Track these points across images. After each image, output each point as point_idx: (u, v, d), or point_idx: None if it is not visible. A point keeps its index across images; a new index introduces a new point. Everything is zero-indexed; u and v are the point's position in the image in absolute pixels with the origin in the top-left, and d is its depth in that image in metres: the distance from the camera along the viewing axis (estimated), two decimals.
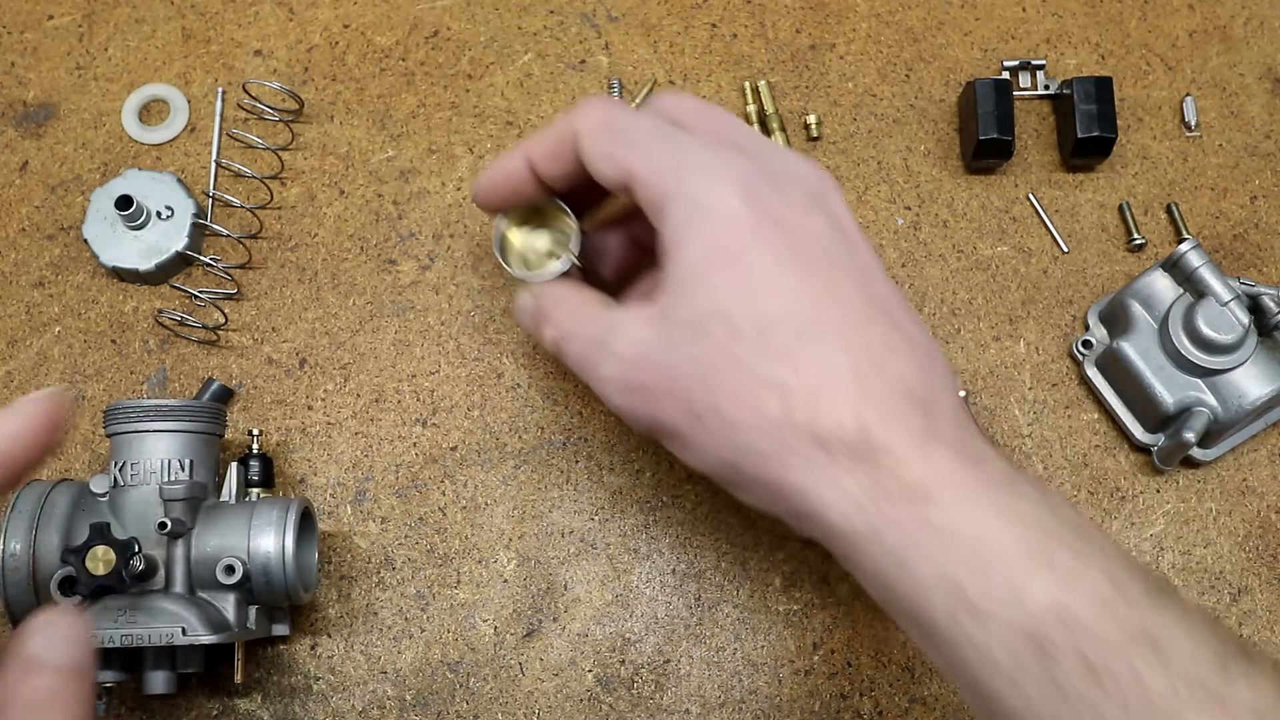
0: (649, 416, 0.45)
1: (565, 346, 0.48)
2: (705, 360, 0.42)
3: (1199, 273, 0.61)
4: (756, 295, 0.42)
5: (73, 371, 0.65)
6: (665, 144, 0.45)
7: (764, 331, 0.42)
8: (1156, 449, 0.62)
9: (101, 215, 0.66)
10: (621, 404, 0.45)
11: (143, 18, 0.72)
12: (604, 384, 0.46)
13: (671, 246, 0.44)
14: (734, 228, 0.43)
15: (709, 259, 0.43)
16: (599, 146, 0.46)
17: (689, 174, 0.44)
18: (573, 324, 0.48)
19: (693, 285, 0.43)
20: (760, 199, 0.44)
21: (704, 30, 0.72)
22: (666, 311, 0.44)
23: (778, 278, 0.42)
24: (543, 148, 0.49)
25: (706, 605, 0.61)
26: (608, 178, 0.46)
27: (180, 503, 0.54)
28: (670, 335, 0.43)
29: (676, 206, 0.44)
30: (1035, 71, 0.70)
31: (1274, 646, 0.60)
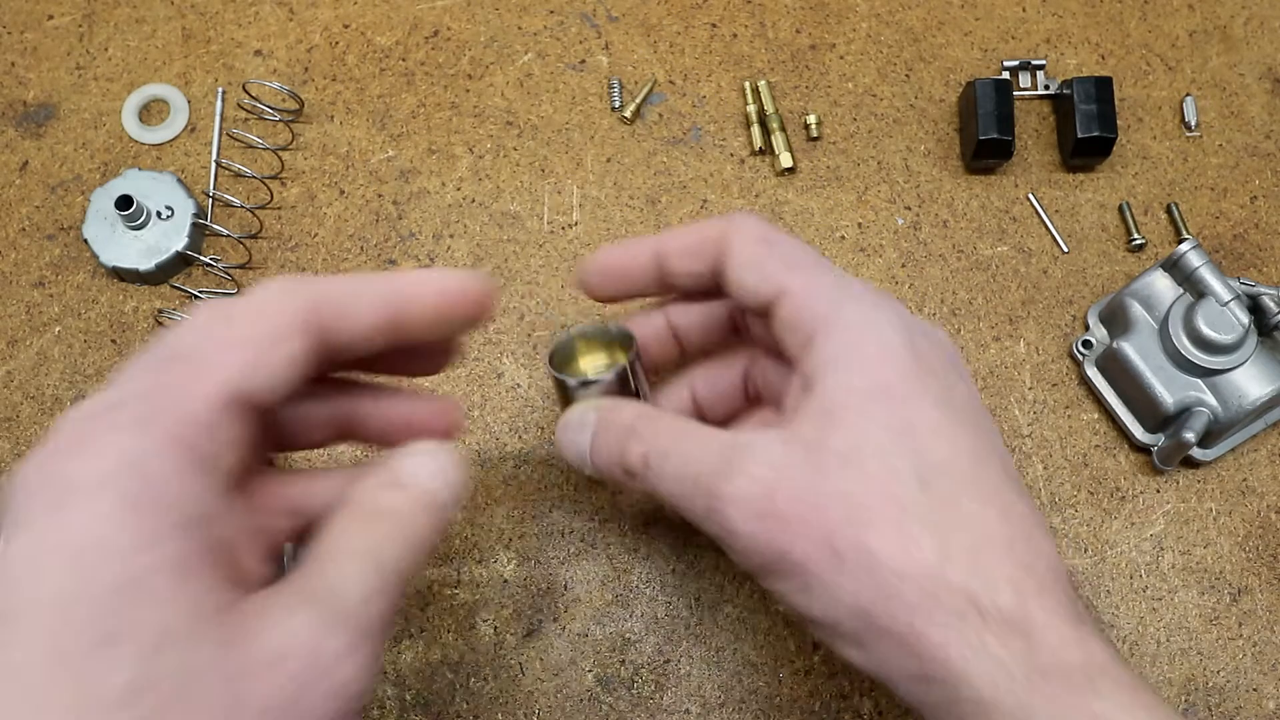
0: (776, 549, 0.40)
1: (662, 464, 0.43)
2: (857, 495, 0.40)
3: (1199, 273, 0.61)
4: (920, 439, 0.41)
5: (73, 371, 0.65)
6: (825, 269, 0.45)
7: (926, 477, 0.40)
8: (1156, 449, 0.62)
9: (101, 215, 0.66)
10: (747, 530, 0.41)
11: (143, 17, 0.72)
12: (729, 505, 0.41)
13: (824, 372, 0.42)
14: (898, 367, 0.42)
15: (870, 392, 0.41)
16: (753, 256, 0.45)
17: (852, 304, 0.43)
18: (674, 441, 0.44)
19: (849, 415, 0.41)
20: (918, 346, 0.43)
21: (704, 30, 0.72)
22: (815, 438, 0.41)
23: (939, 426, 0.41)
24: (681, 244, 0.48)
25: (706, 605, 0.61)
26: (752, 290, 0.45)
27: None
28: (818, 463, 0.40)
29: (837, 333, 0.42)
30: (1035, 71, 0.70)
31: (1274, 646, 0.60)
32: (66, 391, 0.65)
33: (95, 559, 0.29)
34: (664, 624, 0.61)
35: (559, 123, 0.70)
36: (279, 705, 0.30)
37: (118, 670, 0.28)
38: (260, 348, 0.35)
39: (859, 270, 0.67)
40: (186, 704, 0.29)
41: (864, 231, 0.68)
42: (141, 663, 0.29)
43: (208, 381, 0.34)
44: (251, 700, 0.30)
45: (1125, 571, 0.62)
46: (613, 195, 0.68)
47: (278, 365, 0.35)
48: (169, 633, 0.29)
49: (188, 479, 0.32)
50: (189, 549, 0.31)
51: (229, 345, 0.35)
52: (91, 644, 0.28)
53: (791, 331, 0.44)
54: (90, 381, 0.65)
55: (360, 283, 0.39)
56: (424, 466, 0.39)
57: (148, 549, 0.30)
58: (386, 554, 0.36)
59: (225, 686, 0.30)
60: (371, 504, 0.37)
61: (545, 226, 0.68)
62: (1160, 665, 0.60)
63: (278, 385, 0.36)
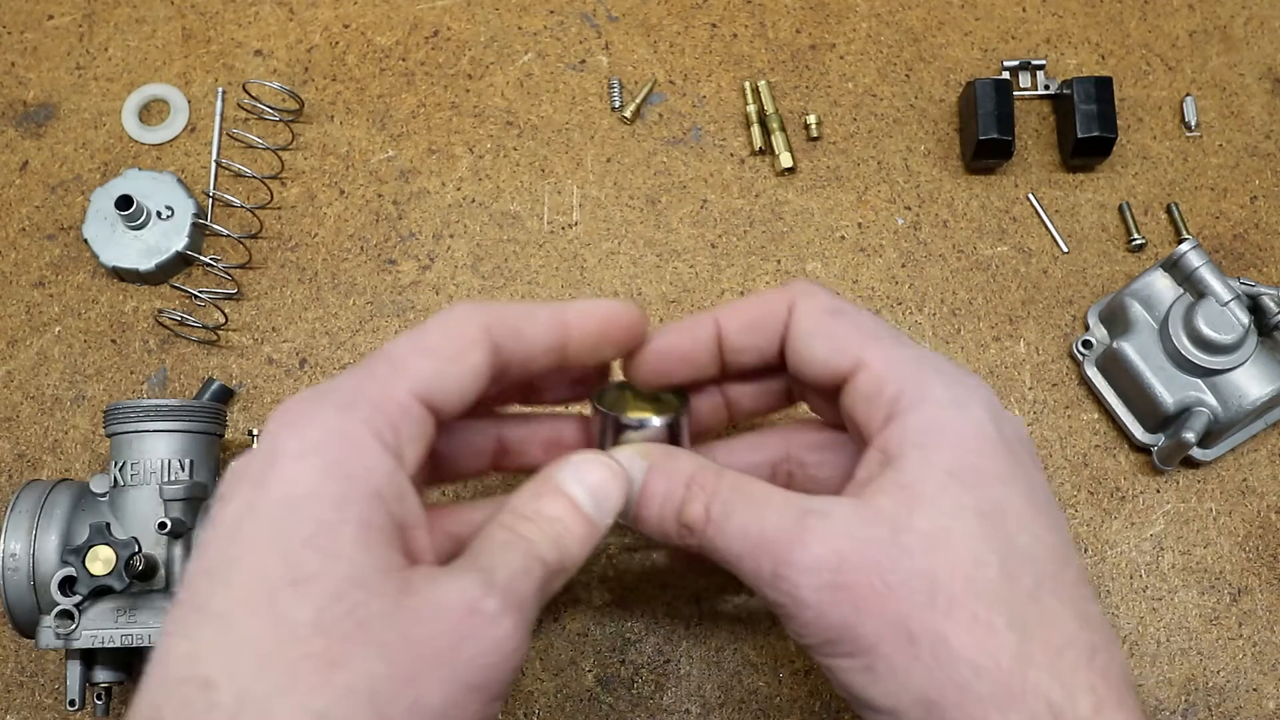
0: (845, 624, 0.38)
1: (725, 521, 0.41)
2: (939, 578, 0.38)
3: (1199, 273, 0.61)
4: (1007, 527, 0.39)
5: (73, 371, 0.65)
6: (904, 343, 0.43)
7: (1012, 570, 0.38)
8: (1156, 449, 0.62)
9: (101, 215, 0.66)
10: (814, 600, 0.39)
11: (143, 17, 0.72)
12: (799, 573, 0.39)
13: (910, 449, 0.40)
14: (988, 450, 0.40)
15: (959, 474, 0.40)
16: (821, 327, 0.44)
17: (937, 380, 0.42)
18: (741, 497, 0.42)
19: (936, 495, 0.39)
20: (1004, 430, 0.41)
21: (704, 30, 0.72)
22: (897, 514, 0.39)
23: (1026, 516, 0.40)
24: (742, 317, 0.46)
25: (706, 605, 0.61)
26: (822, 362, 0.43)
27: (180, 502, 0.54)
28: (900, 540, 0.38)
29: (925, 409, 0.41)
30: (1035, 71, 0.70)
31: (1274, 646, 0.60)
32: (66, 391, 0.65)
33: (292, 515, 0.34)
34: (664, 624, 0.61)
35: (559, 123, 0.70)
36: (441, 649, 0.34)
37: (303, 608, 0.33)
38: (447, 357, 0.39)
39: (859, 270, 0.67)
40: (361, 640, 0.33)
41: (864, 231, 0.68)
42: (324, 603, 0.33)
43: (401, 381, 0.38)
44: (417, 642, 0.34)
45: (1125, 571, 0.62)
46: (613, 195, 0.68)
47: (462, 374, 0.40)
48: (349, 579, 0.34)
49: (377, 457, 0.36)
50: (373, 514, 0.35)
51: (421, 353, 0.39)
52: (283, 585, 0.33)
53: (868, 404, 0.42)
54: (90, 381, 0.65)
55: (533, 307, 0.43)
56: (578, 475, 0.41)
57: (338, 509, 0.35)
58: (535, 546, 0.39)
59: (395, 629, 0.34)
60: (525, 507, 0.40)
61: (545, 226, 0.68)
62: (1160, 665, 0.60)
63: (460, 392, 0.40)
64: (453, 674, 0.34)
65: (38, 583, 0.53)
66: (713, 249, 0.67)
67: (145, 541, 0.54)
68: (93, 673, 0.54)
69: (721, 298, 0.66)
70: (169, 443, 0.56)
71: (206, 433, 0.57)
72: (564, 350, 0.43)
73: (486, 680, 0.35)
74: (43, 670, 0.61)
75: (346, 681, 0.33)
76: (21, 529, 0.54)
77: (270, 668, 0.33)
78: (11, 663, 0.61)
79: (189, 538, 0.55)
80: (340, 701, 0.33)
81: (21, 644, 0.61)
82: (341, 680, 0.33)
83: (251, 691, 0.32)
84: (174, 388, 0.65)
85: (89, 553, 0.52)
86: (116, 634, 0.52)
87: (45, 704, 0.60)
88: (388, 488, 0.37)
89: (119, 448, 0.56)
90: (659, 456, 0.44)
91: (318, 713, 0.32)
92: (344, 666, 0.33)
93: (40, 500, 0.55)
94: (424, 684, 0.34)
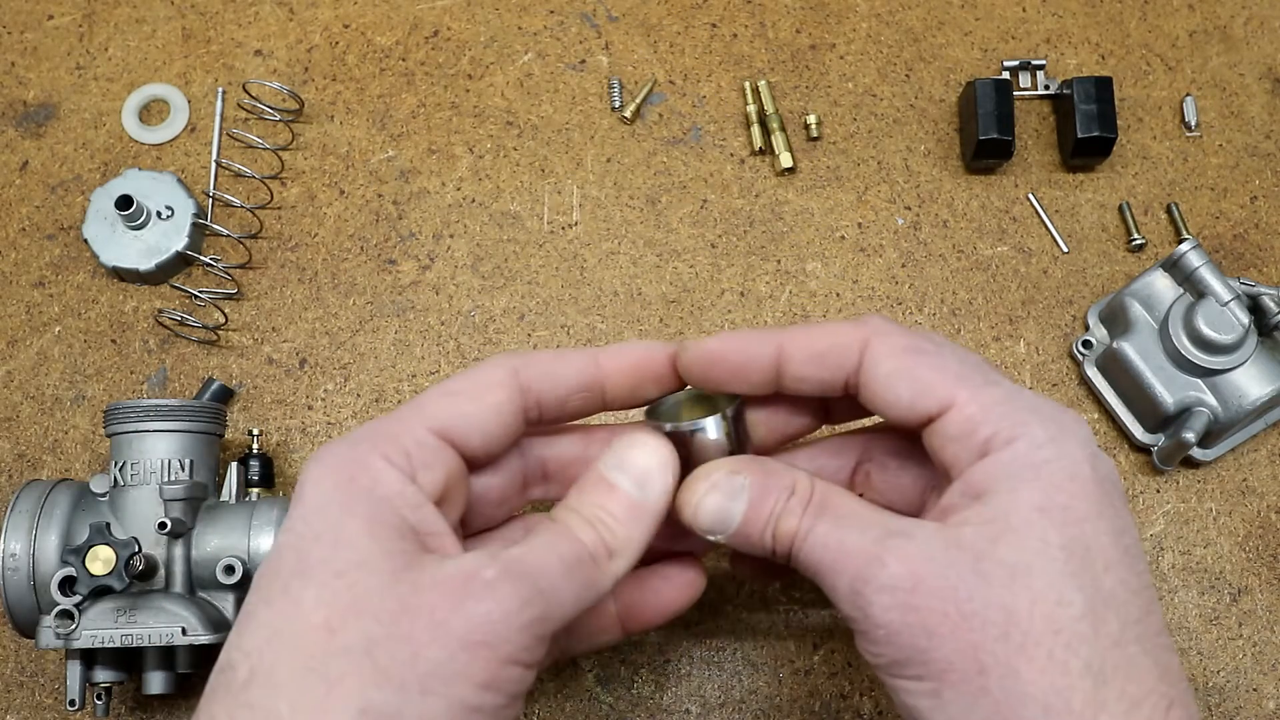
0: (916, 645, 0.38)
1: (810, 534, 0.42)
2: (1018, 613, 0.37)
3: (1199, 273, 0.61)
4: (1095, 571, 0.38)
5: (73, 371, 0.65)
6: (993, 380, 0.42)
7: (1097, 614, 0.38)
8: (1156, 449, 0.62)
9: (102, 215, 0.66)
10: (887, 619, 0.39)
11: (143, 17, 0.72)
12: (876, 590, 0.39)
13: (1002, 484, 0.40)
14: (1081, 493, 0.40)
15: (1047, 510, 0.39)
16: (902, 367, 0.43)
17: (1033, 419, 0.41)
18: (832, 512, 0.42)
19: (1024, 529, 0.39)
20: (1100, 472, 0.41)
21: (704, 30, 0.72)
22: (981, 544, 0.39)
23: (1114, 559, 0.39)
24: (810, 347, 0.44)
25: (707, 605, 0.61)
26: (909, 405, 0.42)
27: (180, 502, 0.54)
28: (982, 570, 0.38)
29: (1016, 447, 0.40)
30: (1035, 71, 0.70)
31: (1274, 646, 0.60)
32: (66, 391, 0.65)
33: (305, 524, 0.40)
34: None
35: (559, 123, 0.70)
36: (438, 611, 0.37)
37: (308, 589, 0.38)
38: (468, 397, 0.43)
39: (859, 270, 0.67)
40: (359, 609, 0.37)
41: (864, 231, 0.68)
42: (326, 580, 0.38)
43: (418, 418, 0.42)
44: (415, 607, 0.37)
45: None
46: (613, 195, 0.68)
47: (482, 411, 0.43)
48: (352, 562, 0.38)
49: (384, 473, 0.40)
50: (380, 513, 0.40)
51: (443, 395, 0.43)
52: (294, 575, 0.38)
53: (957, 443, 0.42)
54: (90, 381, 0.65)
55: (567, 350, 0.46)
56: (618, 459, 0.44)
57: (344, 510, 0.39)
58: (568, 528, 0.42)
59: (394, 598, 0.37)
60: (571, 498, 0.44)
61: (545, 226, 0.68)
62: None
63: (482, 429, 0.43)
64: (449, 632, 0.37)
65: (38, 583, 0.53)
66: (713, 249, 0.67)
67: (145, 541, 0.54)
68: (93, 673, 0.54)
69: (722, 297, 0.66)
70: (169, 443, 0.56)
71: (206, 433, 0.57)
72: (602, 391, 0.46)
73: (487, 638, 0.37)
74: (43, 670, 0.61)
75: (343, 642, 0.37)
76: (22, 529, 0.54)
77: (277, 642, 0.37)
78: (11, 662, 0.61)
79: (189, 537, 0.55)
80: (337, 659, 0.36)
81: (22, 644, 0.61)
82: (339, 642, 0.37)
83: (261, 665, 0.37)
84: (174, 387, 0.65)
85: (89, 553, 0.52)
86: (116, 634, 0.52)
87: (45, 704, 0.60)
88: (398, 497, 0.40)
89: (119, 448, 0.56)
90: (758, 473, 0.44)
91: (315, 670, 0.36)
92: (341, 631, 0.37)
93: (40, 500, 0.55)
94: (421, 640, 0.37)
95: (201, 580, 0.54)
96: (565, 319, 0.66)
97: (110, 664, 0.54)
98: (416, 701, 0.36)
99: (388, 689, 0.36)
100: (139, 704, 0.60)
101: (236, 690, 0.37)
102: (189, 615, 0.52)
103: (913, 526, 0.40)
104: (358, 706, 0.36)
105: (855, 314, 0.66)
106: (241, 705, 0.37)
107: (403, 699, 0.36)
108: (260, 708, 0.36)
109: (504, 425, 0.44)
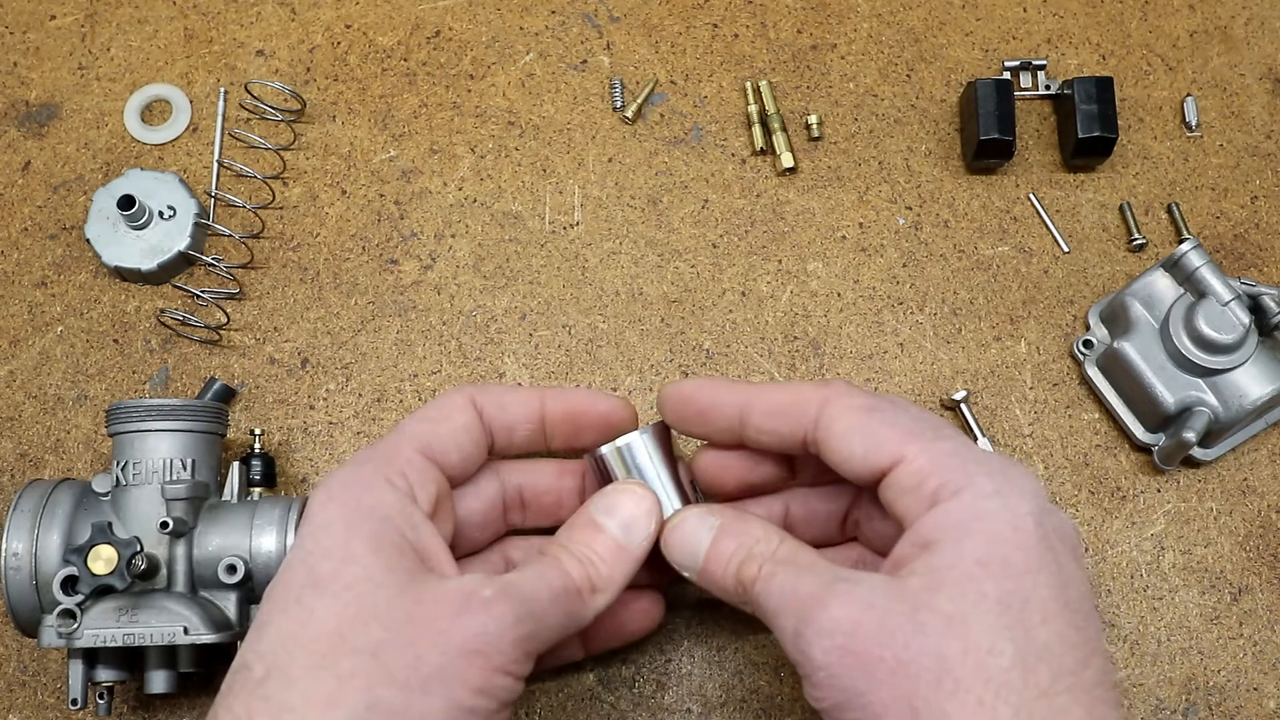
0: (853, 689, 0.40)
1: (769, 582, 0.44)
2: (951, 660, 0.39)
3: (1199, 273, 0.61)
4: (1029, 619, 0.40)
5: (75, 371, 0.65)
6: (945, 435, 0.45)
7: (1028, 661, 0.39)
8: (1157, 449, 0.62)
9: (104, 215, 0.66)
10: (825, 661, 0.41)
11: (145, 18, 0.73)
12: (816, 634, 0.41)
13: (947, 536, 0.42)
14: (1021, 546, 0.41)
15: (986, 563, 0.41)
16: (857, 423, 0.45)
17: (979, 471, 0.43)
18: (787, 560, 0.45)
19: (963, 580, 0.40)
20: (1044, 525, 0.42)
21: (705, 30, 0.72)
22: (921, 593, 0.40)
23: (1052, 612, 0.40)
24: (770, 402, 0.48)
25: (708, 605, 0.61)
26: (860, 457, 0.45)
27: (182, 502, 0.54)
28: (919, 619, 0.40)
29: (963, 499, 0.42)
30: (1036, 71, 0.70)
31: (1274, 646, 0.61)
32: (69, 391, 0.65)
33: (315, 541, 0.43)
34: (665, 623, 0.61)
35: (560, 123, 0.70)
36: (440, 622, 0.40)
37: (320, 599, 0.41)
38: (438, 419, 0.49)
39: (860, 270, 0.67)
40: (367, 617, 0.41)
41: (865, 231, 0.68)
42: (337, 591, 0.41)
43: (404, 440, 0.47)
44: (418, 618, 0.41)
45: (1126, 571, 0.62)
46: (614, 195, 0.68)
47: (453, 430, 0.49)
48: (360, 576, 0.42)
49: (384, 493, 0.45)
50: (383, 531, 0.43)
51: (419, 420, 0.49)
52: (306, 587, 0.42)
53: (908, 495, 0.44)
54: (92, 381, 0.65)
55: (516, 386, 0.53)
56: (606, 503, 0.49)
57: (351, 528, 0.43)
58: (559, 563, 0.46)
59: (400, 609, 0.41)
60: (561, 536, 0.48)
61: (547, 226, 0.68)
62: (1161, 665, 0.60)
63: (455, 446, 0.49)
64: (449, 640, 0.40)
65: (40, 582, 0.53)
66: (714, 249, 0.67)
67: (147, 541, 0.54)
68: (95, 672, 0.54)
69: (723, 297, 0.66)
70: (171, 442, 0.56)
71: (208, 432, 0.57)
72: (543, 428, 0.52)
73: (482, 648, 0.41)
74: (45, 669, 0.61)
75: (353, 645, 0.40)
76: (24, 528, 0.54)
77: (292, 644, 0.41)
78: (14, 662, 0.61)
79: (190, 537, 0.55)
80: (347, 659, 0.40)
81: (24, 643, 0.61)
82: (349, 644, 0.40)
83: (276, 664, 0.40)
84: (176, 387, 0.65)
85: (91, 552, 0.52)
86: (118, 633, 0.52)
87: (48, 703, 0.60)
88: (399, 516, 0.44)
89: (121, 447, 0.56)
90: (729, 519, 0.48)
91: (327, 668, 0.40)
92: (351, 637, 0.40)
93: (42, 500, 0.55)
94: (423, 647, 0.40)
95: (203, 580, 0.54)
96: (567, 319, 0.66)
97: (112, 663, 0.55)
98: (419, 700, 0.39)
99: (393, 687, 0.39)
100: (141, 703, 0.60)
101: (253, 686, 0.40)
102: (191, 615, 0.52)
103: (862, 576, 0.43)
104: (366, 701, 0.39)
105: (856, 313, 0.66)
106: (258, 699, 0.40)
107: (406, 697, 0.39)
108: (276, 700, 0.40)
109: (473, 443, 0.50)
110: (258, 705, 0.40)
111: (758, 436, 0.49)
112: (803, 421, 0.47)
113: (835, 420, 0.46)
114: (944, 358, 0.65)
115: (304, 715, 0.39)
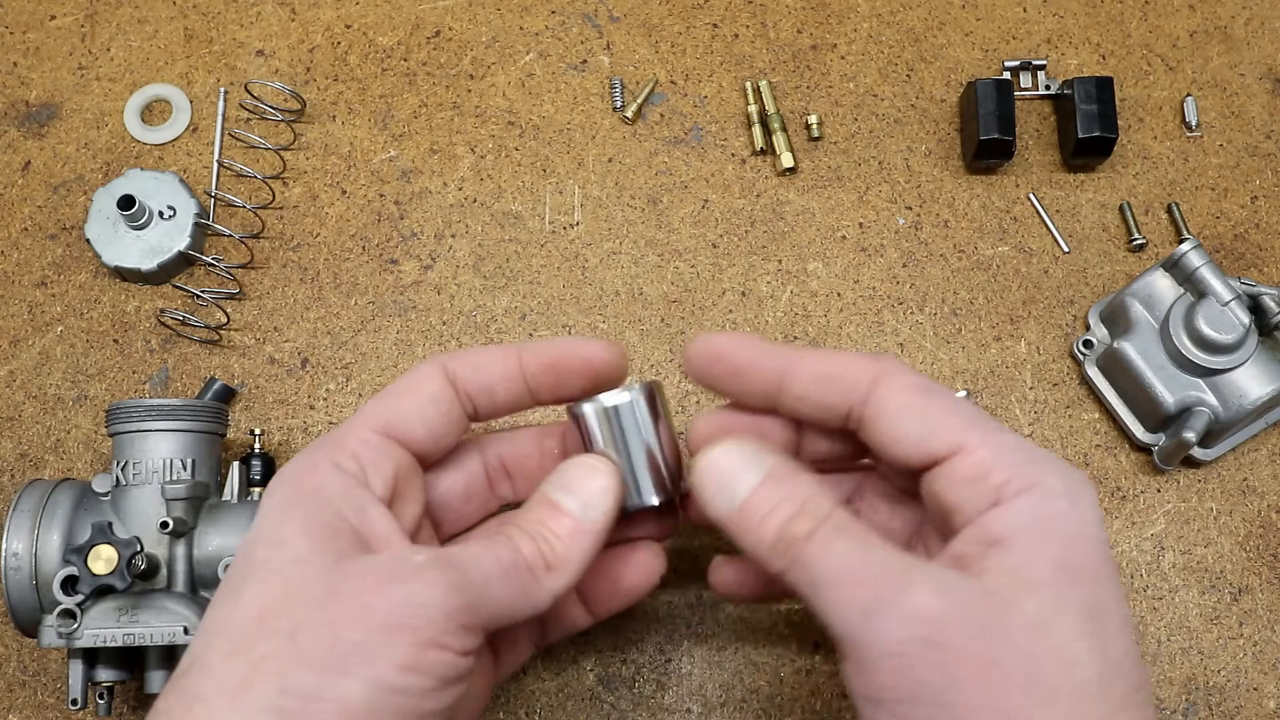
0: (933, 686, 0.37)
1: (828, 546, 0.40)
2: (1043, 669, 0.37)
3: (1200, 272, 0.61)
4: (1107, 630, 0.39)
5: (75, 371, 0.65)
6: (1005, 430, 0.42)
7: (1107, 675, 0.38)
8: (1157, 448, 0.62)
9: (104, 215, 0.66)
10: (901, 650, 0.38)
11: (145, 18, 0.73)
12: (895, 618, 0.38)
13: (1018, 533, 0.40)
14: (1092, 553, 0.40)
15: (1068, 568, 0.39)
16: (913, 404, 0.42)
17: (1049, 470, 0.41)
18: (851, 530, 0.41)
19: (1043, 585, 0.38)
20: (1104, 535, 0.41)
21: (705, 30, 0.72)
22: (1006, 595, 0.38)
23: (1121, 627, 0.39)
24: (819, 367, 0.44)
25: (708, 604, 0.61)
26: (916, 442, 0.42)
27: (182, 502, 0.54)
28: (1007, 621, 0.38)
29: (1034, 497, 0.40)
30: (1036, 71, 0.70)
31: (1274, 645, 0.61)
32: (69, 391, 0.65)
33: (257, 529, 0.42)
34: (665, 623, 0.61)
35: (560, 123, 0.70)
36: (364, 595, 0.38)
37: (249, 587, 0.40)
38: (401, 394, 0.46)
39: (860, 270, 0.67)
40: (290, 599, 0.39)
41: (865, 231, 0.68)
42: (263, 576, 0.40)
43: (360, 420, 0.45)
44: (341, 593, 0.39)
45: (1126, 571, 0.62)
46: (614, 195, 0.68)
47: (419, 403, 0.45)
48: (289, 559, 0.40)
49: (327, 476, 0.42)
50: (319, 513, 0.41)
51: (381, 397, 0.46)
52: (239, 578, 0.40)
53: (967, 487, 0.41)
54: (92, 381, 0.65)
55: (491, 346, 0.48)
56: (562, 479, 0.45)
57: (285, 511, 0.42)
58: (510, 539, 0.43)
59: (324, 586, 0.39)
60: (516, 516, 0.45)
61: (547, 226, 0.68)
62: (1161, 665, 0.60)
63: (421, 419, 0.45)
64: (371, 613, 0.38)
65: (40, 582, 0.53)
66: (714, 249, 0.67)
67: (147, 541, 0.54)
68: (95, 672, 0.54)
69: (723, 297, 0.66)
70: (171, 442, 0.56)
71: (208, 432, 0.57)
72: (524, 384, 0.47)
73: (407, 620, 0.38)
74: (45, 669, 0.61)
75: (271, 628, 0.38)
76: (24, 528, 0.54)
77: (215, 636, 0.39)
78: (14, 662, 0.61)
79: (190, 537, 0.55)
80: (261, 643, 0.38)
81: (24, 643, 0.61)
82: (267, 629, 0.38)
83: (197, 655, 0.39)
84: (176, 387, 0.65)
85: (91, 552, 0.52)
86: (118, 633, 0.52)
87: (48, 703, 0.60)
88: (340, 498, 0.42)
89: (121, 447, 0.56)
90: (781, 467, 0.43)
91: (240, 654, 0.38)
92: (272, 620, 0.38)
93: (42, 500, 0.55)
94: (342, 625, 0.38)
95: (203, 579, 0.54)
96: (567, 319, 0.66)
97: (112, 663, 0.55)
98: (334, 682, 0.37)
99: (305, 670, 0.37)
100: (141, 703, 0.60)
101: (175, 680, 0.39)
102: (191, 614, 0.52)
103: (934, 566, 0.40)
104: (277, 687, 0.37)
105: (857, 313, 0.66)
106: (177, 692, 0.39)
107: (321, 680, 0.37)
108: (190, 692, 0.38)
109: (443, 414, 0.46)
110: (175, 699, 0.38)
111: (795, 405, 0.45)
112: (850, 395, 0.43)
113: (889, 398, 0.42)
114: (944, 358, 0.65)
115: (213, 705, 0.37)
